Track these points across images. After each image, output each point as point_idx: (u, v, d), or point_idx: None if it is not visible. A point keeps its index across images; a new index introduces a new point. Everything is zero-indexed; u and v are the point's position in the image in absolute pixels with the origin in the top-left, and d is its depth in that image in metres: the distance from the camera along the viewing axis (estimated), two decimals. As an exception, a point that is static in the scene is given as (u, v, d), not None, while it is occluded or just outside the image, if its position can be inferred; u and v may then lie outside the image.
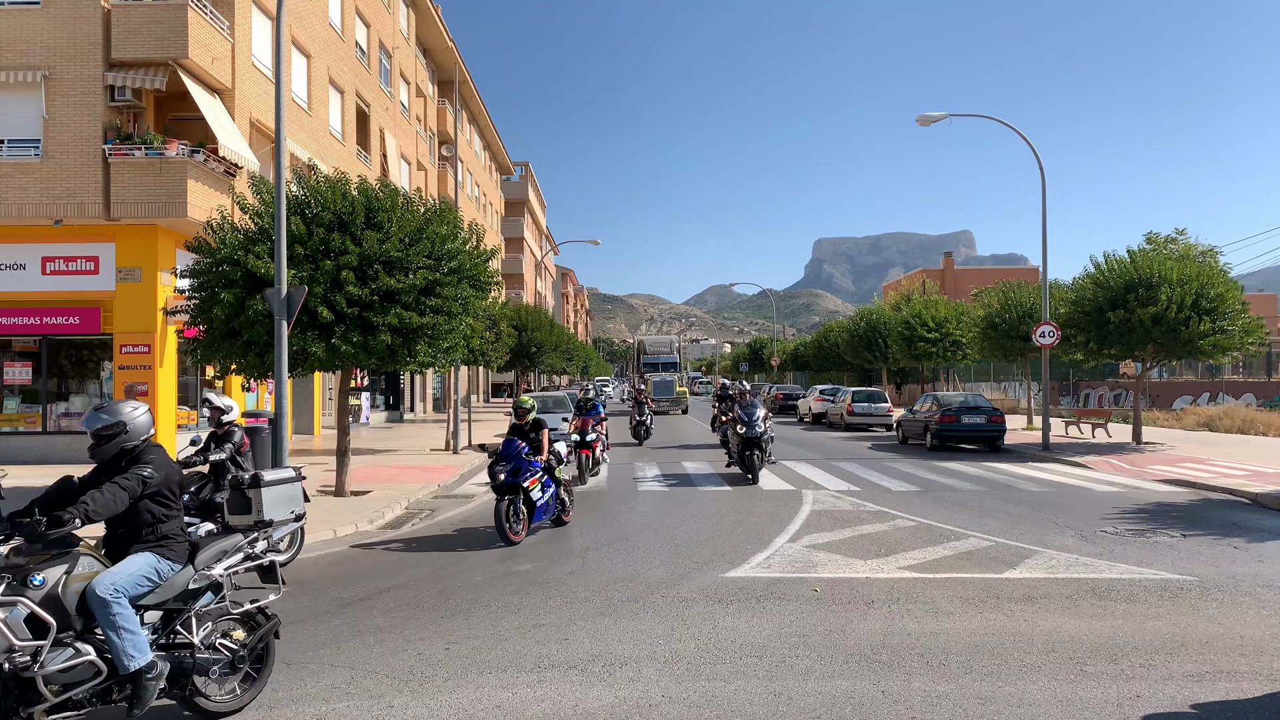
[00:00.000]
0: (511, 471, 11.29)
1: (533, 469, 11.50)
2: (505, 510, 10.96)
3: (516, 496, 11.22)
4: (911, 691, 5.88)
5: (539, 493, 11.56)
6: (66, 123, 19.12)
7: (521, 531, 11.15)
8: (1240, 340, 22.81)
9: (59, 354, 20.62)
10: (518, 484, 11.25)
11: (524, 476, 11.29)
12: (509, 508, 11.06)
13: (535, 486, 11.47)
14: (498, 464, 11.32)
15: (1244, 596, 8.29)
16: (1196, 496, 15.08)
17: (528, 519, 11.37)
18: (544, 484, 11.78)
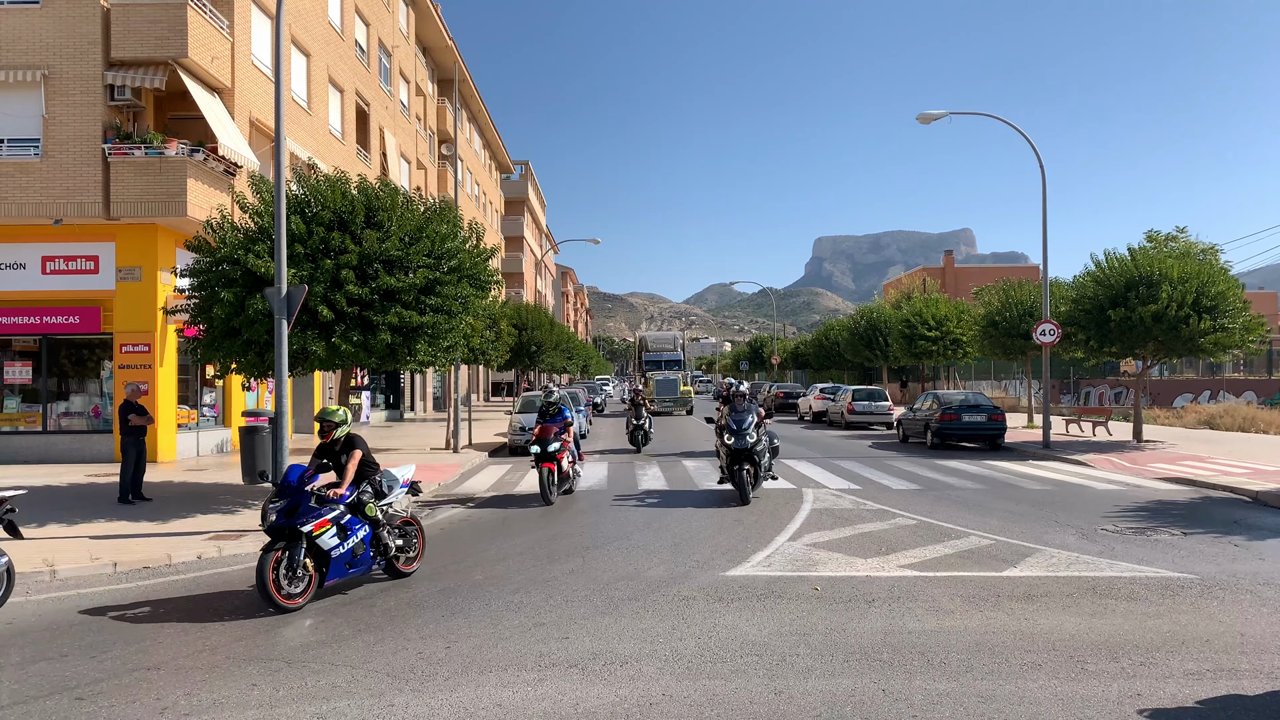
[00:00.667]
0: (285, 511, 8.21)
1: (326, 508, 8.38)
2: (270, 565, 7.83)
3: (296, 545, 8.10)
4: (912, 690, 5.88)
5: (333, 539, 8.32)
6: (66, 122, 19.13)
7: (300, 596, 8.03)
8: (1241, 338, 22.80)
9: (59, 353, 20.63)
10: (295, 528, 8.11)
11: (304, 518, 8.16)
12: (280, 560, 7.94)
13: (324, 531, 8.26)
14: (272, 500, 8.35)
15: (1245, 594, 8.29)
16: (1197, 494, 15.07)
17: (317, 576, 8.27)
18: (346, 526, 8.52)
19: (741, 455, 14.08)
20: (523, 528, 12.34)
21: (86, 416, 20.60)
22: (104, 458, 19.84)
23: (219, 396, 23.20)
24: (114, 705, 5.76)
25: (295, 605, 7.96)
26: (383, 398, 38.17)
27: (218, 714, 5.58)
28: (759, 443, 14.27)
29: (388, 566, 9.17)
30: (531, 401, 26.10)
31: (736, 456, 14.08)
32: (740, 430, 14.12)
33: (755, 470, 14.19)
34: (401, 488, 9.65)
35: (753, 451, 14.07)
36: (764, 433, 14.76)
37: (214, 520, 12.34)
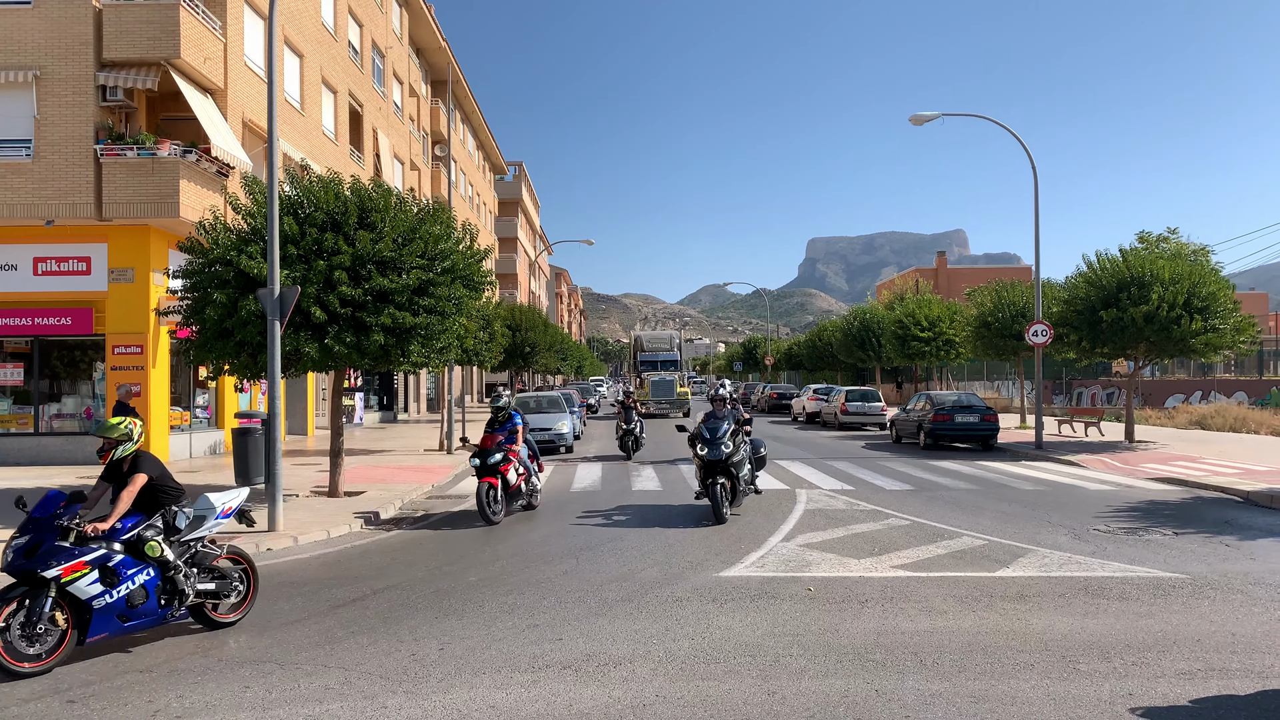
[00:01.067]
0: (25, 550, 6.54)
1: (85, 548, 6.66)
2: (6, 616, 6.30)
3: (40, 594, 6.44)
4: (905, 690, 5.89)
5: (92, 586, 6.61)
6: (58, 123, 19.06)
7: (44, 658, 6.39)
8: (1232, 339, 22.90)
9: (51, 355, 20.56)
10: (35, 573, 6.43)
11: (50, 560, 6.46)
12: (13, 614, 6.34)
13: (79, 575, 6.55)
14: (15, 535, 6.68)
15: (1236, 594, 8.32)
16: (1189, 494, 15.13)
17: (75, 632, 6.57)
18: (115, 569, 6.78)
19: (715, 467, 12.54)
20: (516, 529, 12.33)
21: (79, 418, 20.53)
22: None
23: (212, 398, 23.14)
24: (105, 708, 5.74)
25: (35, 669, 6.31)
26: (376, 399, 38.12)
27: (210, 716, 5.57)
28: (736, 453, 12.65)
29: (196, 615, 7.50)
30: (526, 403, 26.10)
31: (710, 469, 12.52)
32: (714, 439, 12.56)
33: (733, 484, 12.71)
34: (218, 518, 7.80)
35: (728, 463, 12.52)
36: (743, 441, 13.26)
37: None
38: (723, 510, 12.22)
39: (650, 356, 51.43)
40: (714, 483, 12.39)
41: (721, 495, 12.32)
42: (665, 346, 53.18)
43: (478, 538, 11.68)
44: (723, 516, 12.18)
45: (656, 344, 53.60)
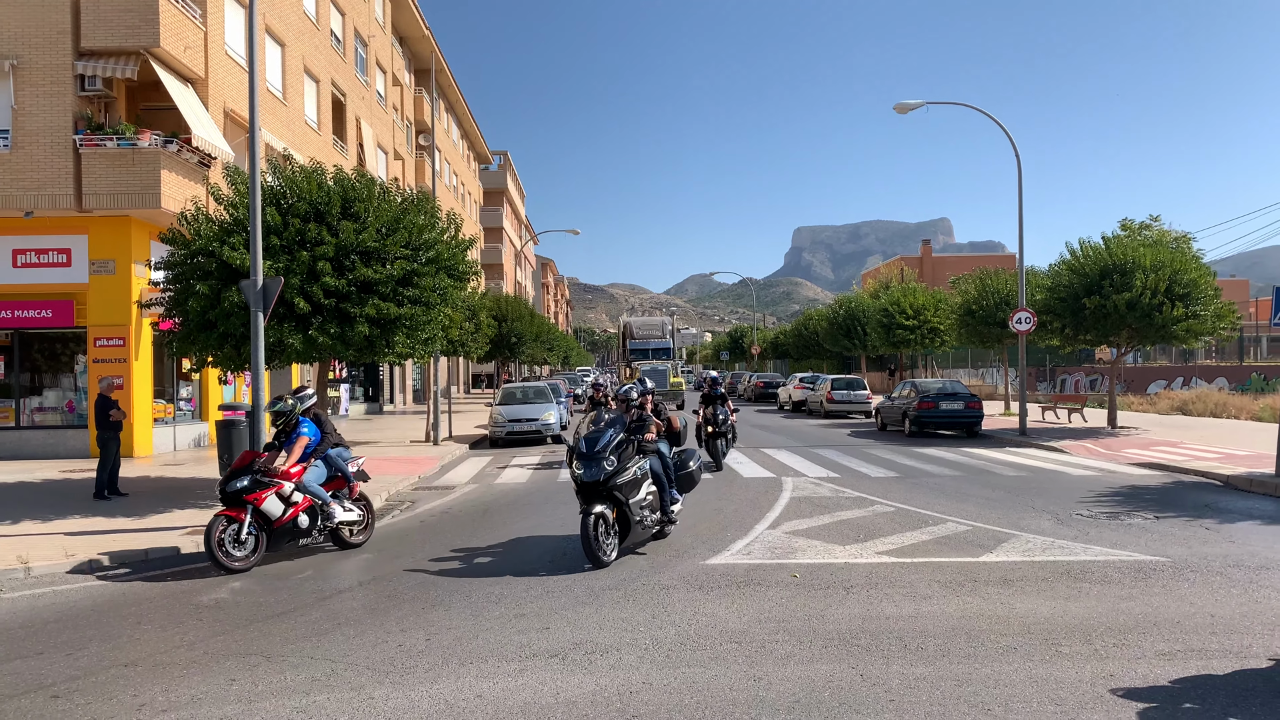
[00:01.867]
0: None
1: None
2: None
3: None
4: (890, 675, 5.94)
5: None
6: (36, 113, 18.88)
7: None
8: (1212, 325, 23.10)
9: (31, 348, 20.40)
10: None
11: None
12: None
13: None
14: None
15: (1215, 576, 8.42)
16: (1170, 479, 15.27)
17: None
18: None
19: (593, 493, 9.16)
20: (503, 519, 12.34)
21: (60, 411, 20.39)
22: (78, 453, 19.64)
23: (196, 390, 23.02)
24: (90, 703, 5.72)
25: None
26: (362, 390, 38.00)
27: (195, 710, 5.56)
28: (622, 472, 9.30)
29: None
30: (513, 393, 26.09)
31: (586, 495, 9.22)
32: (591, 454, 9.19)
33: (623, 515, 9.32)
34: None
35: (611, 487, 9.15)
36: (640, 453, 9.88)
37: (191, 515, 12.26)
38: (599, 553, 8.88)
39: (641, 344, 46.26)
40: (589, 515, 8.95)
41: (598, 533, 8.96)
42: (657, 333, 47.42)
43: (465, 528, 11.68)
44: (599, 559, 8.87)
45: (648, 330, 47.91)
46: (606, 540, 9.13)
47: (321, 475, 10.29)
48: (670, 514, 10.17)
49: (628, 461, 9.50)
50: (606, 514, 9.13)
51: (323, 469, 10.32)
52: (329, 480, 10.40)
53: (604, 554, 9.00)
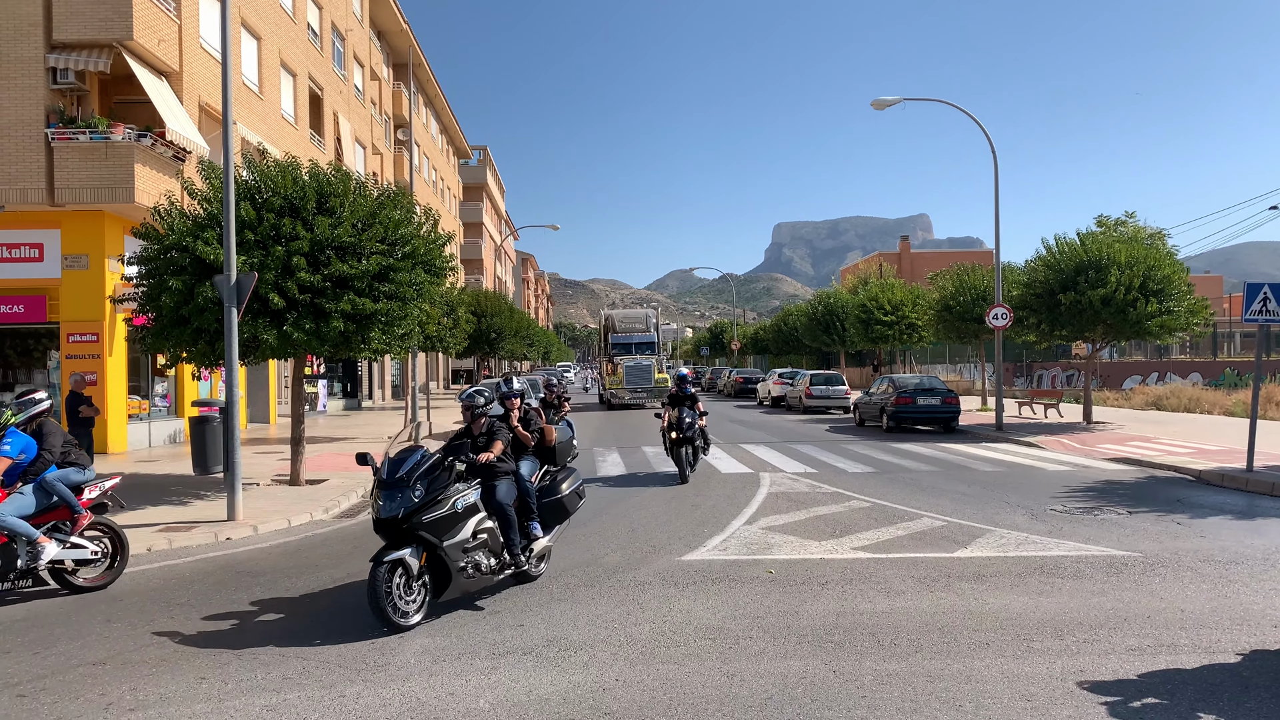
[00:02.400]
0: None
1: None
2: None
3: None
4: (862, 671, 5.96)
5: None
6: (7, 105, 18.59)
7: None
8: (1186, 321, 23.35)
9: (3, 344, 20.14)
10: None
11: None
12: None
13: None
14: None
15: (1185, 571, 8.51)
16: (1143, 474, 15.42)
17: None
18: None
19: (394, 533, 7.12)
20: (480, 515, 12.30)
21: (32, 408, 20.11)
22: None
23: (171, 386, 22.80)
24: (57, 702, 5.66)
25: None
26: (340, 386, 37.76)
27: (164, 709, 5.51)
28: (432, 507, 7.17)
29: None
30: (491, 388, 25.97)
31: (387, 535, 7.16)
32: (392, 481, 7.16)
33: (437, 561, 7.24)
34: None
35: (416, 526, 7.04)
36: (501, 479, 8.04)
37: (165, 512, 12.15)
38: (391, 612, 6.83)
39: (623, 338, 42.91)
40: (379, 562, 6.90)
41: (393, 587, 6.86)
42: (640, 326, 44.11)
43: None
44: (394, 621, 6.83)
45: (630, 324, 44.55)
46: (407, 595, 6.94)
47: (28, 505, 8.25)
48: (523, 556, 7.93)
49: (443, 490, 7.26)
50: (408, 561, 6.97)
51: (30, 497, 8.27)
52: (47, 509, 8.39)
53: (399, 613, 6.85)
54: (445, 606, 7.60)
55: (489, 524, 7.70)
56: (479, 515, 7.59)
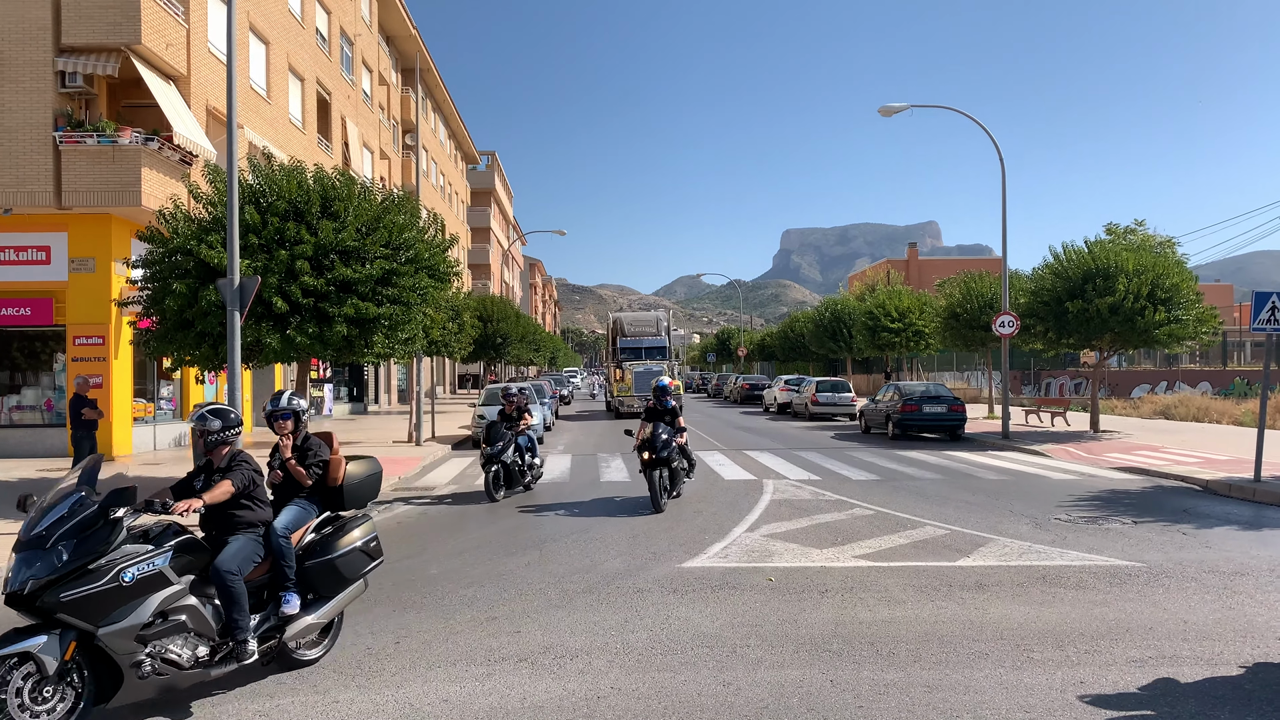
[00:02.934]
0: None
1: None
2: None
3: None
4: (860, 680, 5.91)
5: None
6: (15, 109, 18.70)
7: None
8: (1194, 329, 23.21)
9: (10, 346, 20.20)
10: None
11: None
12: None
13: None
14: None
15: (1190, 582, 8.42)
16: (1150, 483, 15.32)
17: None
18: None
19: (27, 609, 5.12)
20: (481, 521, 12.27)
21: (39, 410, 20.21)
22: (57, 452, 19.47)
23: (176, 389, 22.86)
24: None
25: None
26: (346, 390, 37.83)
27: (156, 713, 5.48)
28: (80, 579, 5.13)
29: None
30: (495, 394, 25.99)
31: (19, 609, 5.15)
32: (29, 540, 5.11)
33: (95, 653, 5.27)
34: None
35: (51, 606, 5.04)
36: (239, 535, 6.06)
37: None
38: None
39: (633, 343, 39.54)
40: None
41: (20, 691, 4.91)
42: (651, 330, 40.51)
43: (441, 529, 11.61)
44: None
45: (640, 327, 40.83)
46: (35, 705, 4.93)
47: None
48: (254, 643, 5.70)
49: (99, 555, 5.19)
50: (39, 657, 4.93)
51: None
52: None
53: None
54: (439, 612, 7.57)
55: (186, 601, 5.47)
56: (172, 589, 5.42)
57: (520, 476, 14.45)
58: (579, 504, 13.49)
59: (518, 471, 14.35)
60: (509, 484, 14.23)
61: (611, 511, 12.72)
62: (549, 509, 13.08)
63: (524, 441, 14.60)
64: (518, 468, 14.45)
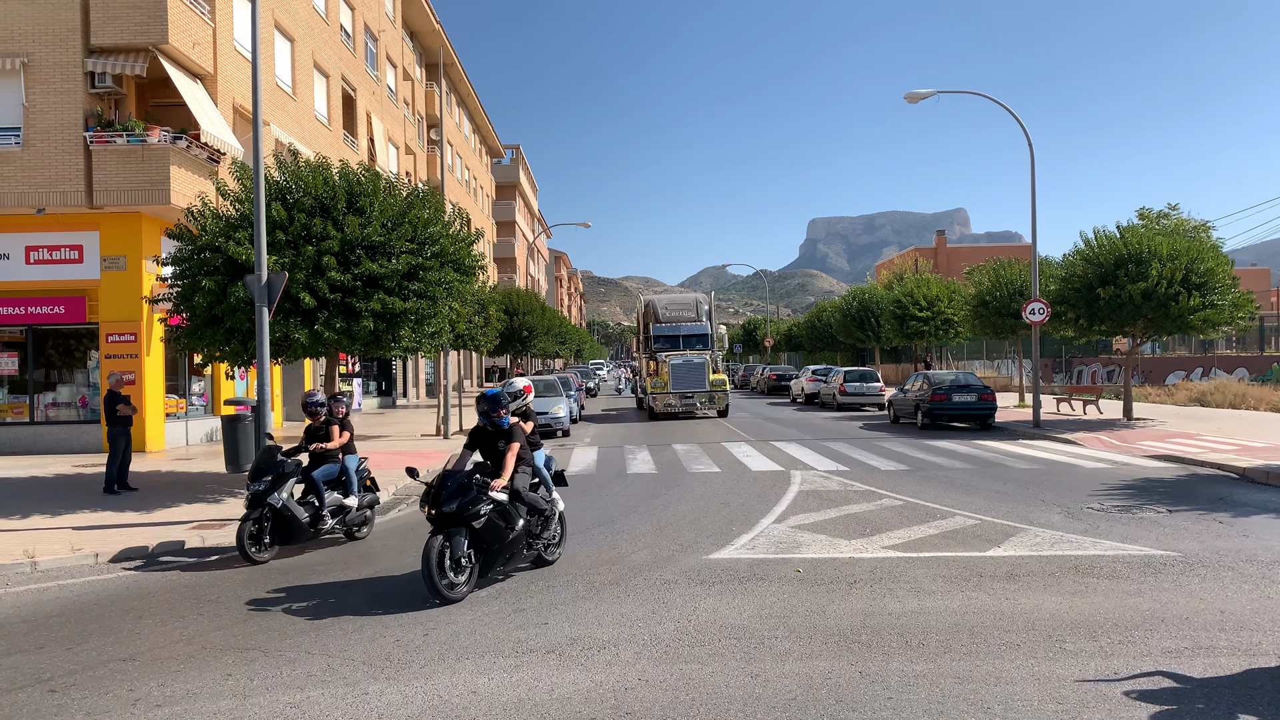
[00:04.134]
0: None
1: None
2: None
3: None
4: (889, 671, 5.86)
5: None
6: (47, 110, 18.95)
7: None
8: (1230, 315, 22.83)
9: (45, 344, 20.51)
10: None
11: None
12: None
13: None
14: None
15: (1227, 571, 8.28)
16: (1184, 472, 15.08)
17: None
18: None
19: None
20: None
21: (74, 407, 20.51)
22: (93, 448, 19.76)
23: (207, 385, 23.12)
24: (86, 697, 5.72)
25: None
26: (375, 384, 38.10)
27: (190, 705, 5.55)
28: None
29: None
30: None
31: None
32: None
33: None
34: None
35: None
36: None
37: (199, 509, 12.29)
38: None
39: (669, 329, 33.28)
40: None
41: None
42: (690, 314, 33.89)
43: (470, 522, 11.65)
44: None
45: (676, 311, 34.22)
46: None
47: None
48: None
49: None
50: None
51: None
52: None
53: None
54: (468, 604, 7.60)
55: None
56: None
57: (312, 525, 9.96)
58: (605, 496, 13.49)
59: (306, 518, 9.87)
60: (285, 537, 9.80)
61: (638, 503, 12.72)
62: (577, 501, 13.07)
63: (324, 474, 10.42)
64: (311, 511, 10.03)
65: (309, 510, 10.05)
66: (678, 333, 33.23)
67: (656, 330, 33.40)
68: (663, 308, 34.44)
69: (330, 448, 10.60)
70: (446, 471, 7.97)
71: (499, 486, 7.83)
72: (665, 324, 33.63)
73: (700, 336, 32.92)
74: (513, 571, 8.58)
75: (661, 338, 32.99)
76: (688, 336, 32.92)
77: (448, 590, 7.55)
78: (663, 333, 33.24)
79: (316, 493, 10.23)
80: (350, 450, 10.90)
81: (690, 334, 33.07)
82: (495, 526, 7.86)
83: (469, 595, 7.81)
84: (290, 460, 10.09)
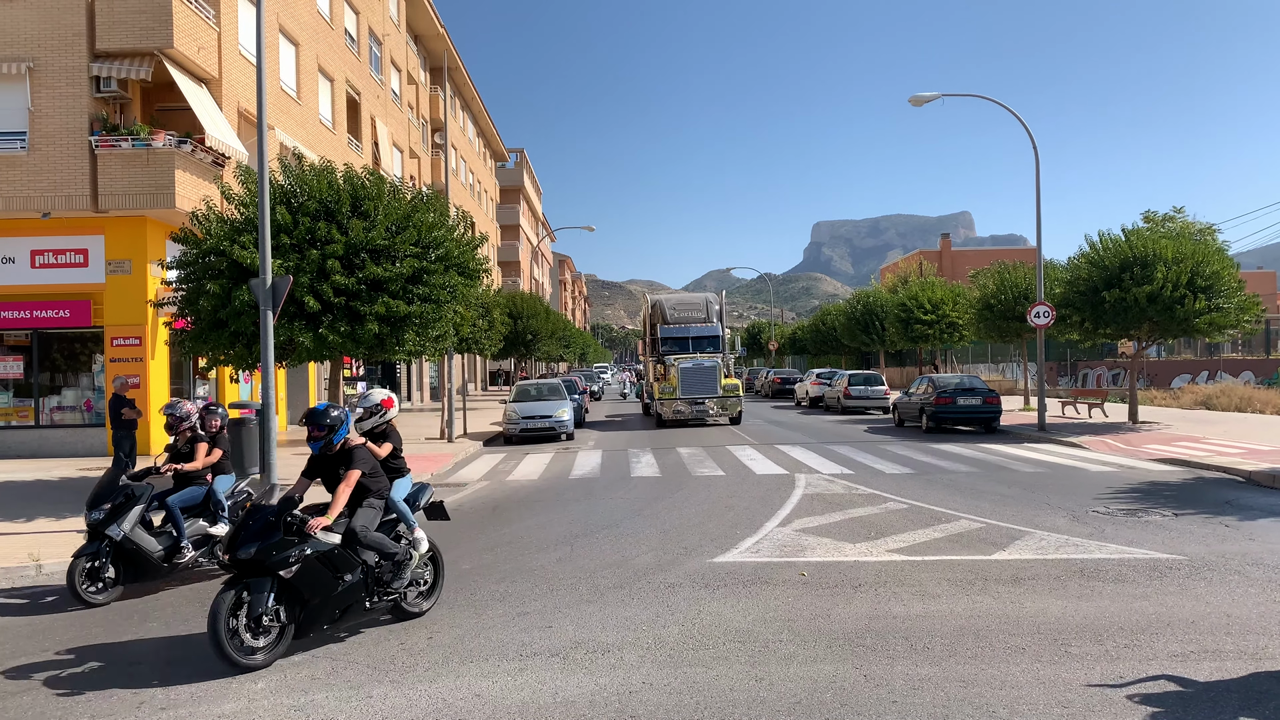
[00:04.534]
0: None
1: None
2: None
3: None
4: (894, 675, 5.84)
5: None
6: (52, 115, 19.01)
7: None
8: (1236, 318, 22.74)
9: (50, 347, 20.57)
10: None
11: None
12: None
13: None
14: None
15: (1233, 575, 8.25)
16: (1190, 475, 15.04)
17: None
18: None
19: None
20: (512, 516, 12.31)
21: (79, 410, 20.56)
22: (98, 451, 19.80)
23: (212, 389, 23.15)
24: (91, 701, 5.72)
25: None
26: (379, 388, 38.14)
27: (195, 708, 5.55)
28: None
29: None
30: (526, 390, 26.10)
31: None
32: None
33: None
34: None
35: None
36: None
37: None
38: None
39: (677, 331, 31.73)
40: None
41: None
42: (699, 314, 32.20)
43: (473, 526, 11.65)
44: None
45: (685, 311, 32.49)
46: None
47: None
48: None
49: None
50: None
51: None
52: None
53: None
54: (471, 607, 7.59)
55: None
56: None
57: (166, 559, 8.65)
58: (609, 499, 13.48)
59: (159, 551, 8.57)
60: (134, 574, 8.50)
61: (642, 507, 12.70)
62: (580, 505, 13.08)
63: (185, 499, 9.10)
64: (168, 543, 8.74)
65: (166, 541, 8.67)
66: (687, 334, 31.49)
67: (664, 332, 31.72)
68: (671, 308, 32.61)
69: (189, 469, 9.10)
70: (254, 506, 6.72)
71: (319, 526, 6.52)
72: (673, 325, 31.90)
73: (711, 338, 31.30)
74: (361, 627, 7.06)
75: (670, 339, 31.33)
76: (697, 338, 31.25)
77: (240, 655, 6.07)
78: (671, 334, 31.55)
79: (174, 521, 8.82)
80: (223, 470, 9.46)
81: (700, 335, 31.36)
82: (315, 575, 6.43)
83: (484, 592, 7.79)
84: (139, 485, 8.68)
